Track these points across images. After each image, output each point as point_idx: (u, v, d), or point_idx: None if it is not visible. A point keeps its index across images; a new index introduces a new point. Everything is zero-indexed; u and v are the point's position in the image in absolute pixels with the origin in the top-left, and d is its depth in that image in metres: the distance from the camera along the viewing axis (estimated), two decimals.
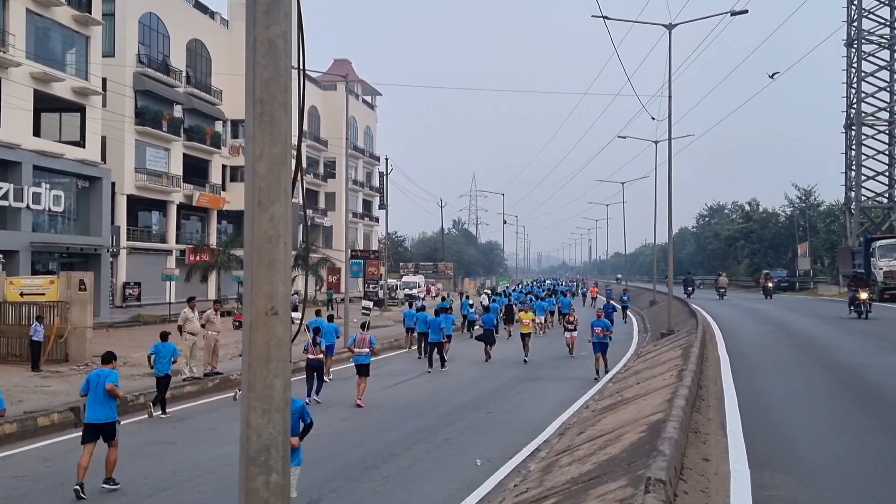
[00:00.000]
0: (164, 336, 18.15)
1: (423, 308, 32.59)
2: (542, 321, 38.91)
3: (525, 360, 27.31)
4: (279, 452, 3.08)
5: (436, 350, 25.68)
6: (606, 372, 23.27)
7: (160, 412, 17.65)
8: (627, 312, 49.21)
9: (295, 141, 3.60)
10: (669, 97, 31.87)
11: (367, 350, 19.53)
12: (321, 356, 19.96)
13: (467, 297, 44.06)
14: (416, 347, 29.23)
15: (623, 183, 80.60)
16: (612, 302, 25.84)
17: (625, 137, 52.57)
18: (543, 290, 59.62)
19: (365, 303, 36.89)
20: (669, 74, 31.72)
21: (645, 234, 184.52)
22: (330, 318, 26.20)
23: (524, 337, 28.39)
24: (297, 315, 30.64)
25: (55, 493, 11.25)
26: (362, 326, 21.92)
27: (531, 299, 45.22)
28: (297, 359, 20.36)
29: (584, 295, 72.21)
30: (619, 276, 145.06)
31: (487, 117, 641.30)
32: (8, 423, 14.94)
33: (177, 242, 58.86)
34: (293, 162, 3.30)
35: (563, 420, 16.41)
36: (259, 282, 3.09)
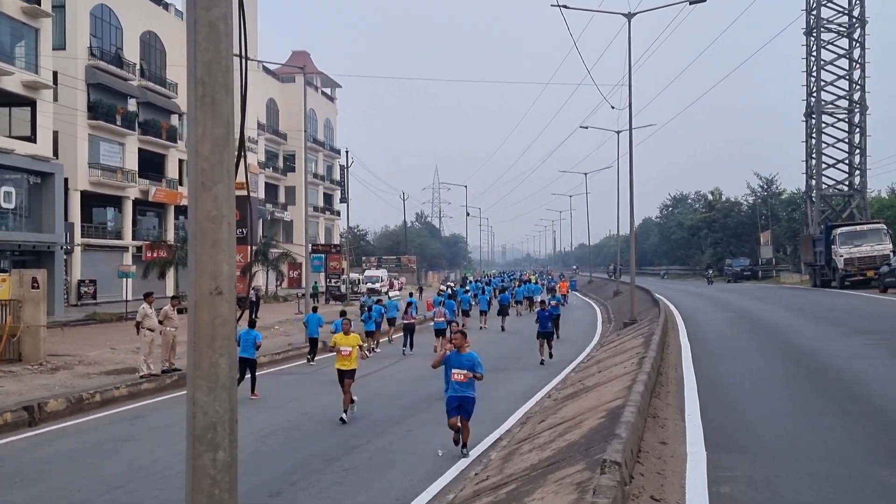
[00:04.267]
0: (252, 324, 20.71)
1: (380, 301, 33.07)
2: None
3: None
4: (226, 430, 3.15)
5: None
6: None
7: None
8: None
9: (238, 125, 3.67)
10: (630, 86, 32.22)
11: (443, 319, 28.29)
12: (413, 320, 29.31)
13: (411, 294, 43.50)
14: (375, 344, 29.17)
15: (586, 174, 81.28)
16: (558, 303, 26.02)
17: (587, 128, 53.09)
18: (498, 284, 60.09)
19: (449, 283, 40.38)
20: (630, 64, 32.03)
21: (609, 226, 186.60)
22: (316, 310, 28.56)
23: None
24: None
25: (8, 493, 11.18)
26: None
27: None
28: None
29: (551, 290, 55.40)
30: (576, 266, 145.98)
31: (450, 109, 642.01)
32: None
33: (133, 239, 58.36)
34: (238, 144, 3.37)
35: (526, 410, 16.59)
36: (203, 262, 3.16)
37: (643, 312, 33.42)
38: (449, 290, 43.46)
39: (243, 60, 3.47)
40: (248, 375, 19.29)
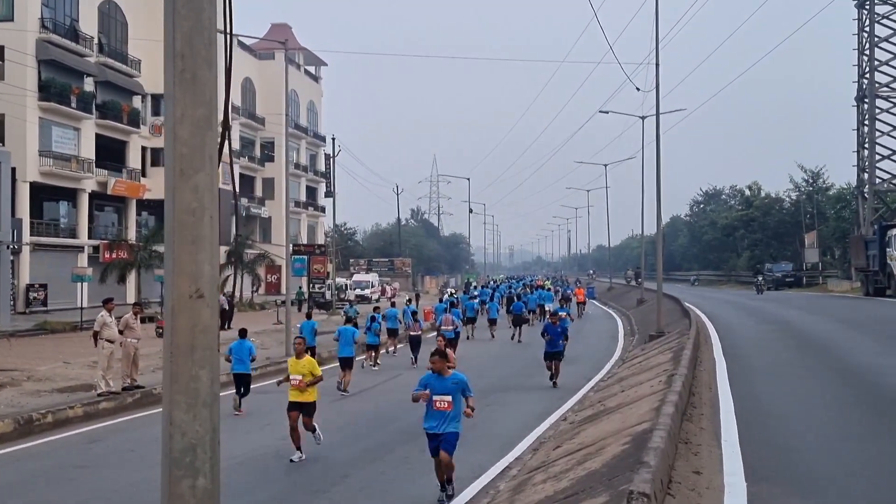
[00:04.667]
0: (243, 333, 21.26)
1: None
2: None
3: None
4: (206, 453, 3.14)
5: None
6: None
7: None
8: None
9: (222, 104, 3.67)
10: (657, 65, 32.24)
11: (452, 327, 29.68)
12: (419, 333, 30.40)
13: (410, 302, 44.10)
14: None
15: (606, 165, 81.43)
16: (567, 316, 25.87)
17: (607, 112, 53.06)
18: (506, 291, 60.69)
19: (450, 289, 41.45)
20: (657, 39, 32.09)
21: (632, 225, 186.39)
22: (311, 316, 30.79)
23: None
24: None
25: None
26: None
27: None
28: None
29: (566, 298, 58.34)
30: (592, 271, 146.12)
31: (450, 91, 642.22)
32: None
33: (89, 237, 58.44)
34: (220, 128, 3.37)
35: (538, 434, 16.59)
36: (182, 261, 3.16)
37: (671, 324, 33.43)
38: (454, 298, 43.89)
39: (228, 30, 3.47)
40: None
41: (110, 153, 61.39)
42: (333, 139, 72.11)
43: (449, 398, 11.65)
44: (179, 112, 3.20)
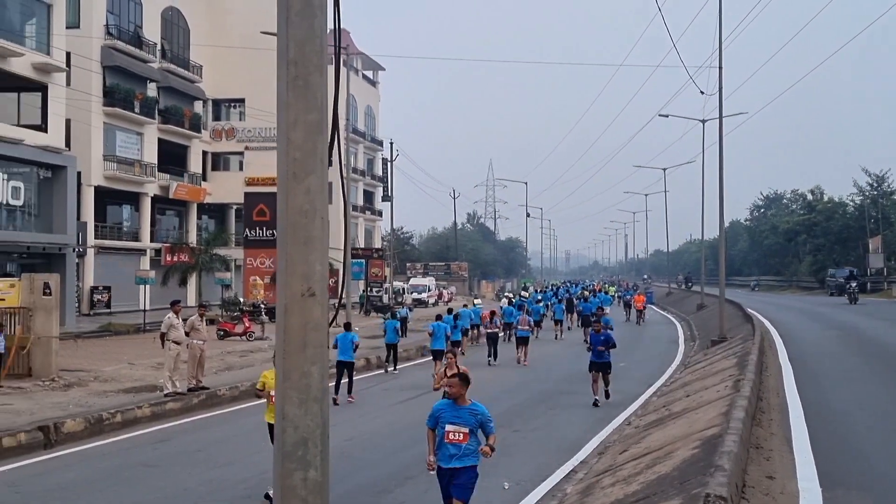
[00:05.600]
0: (348, 326, 23.45)
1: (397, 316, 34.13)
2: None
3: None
4: (317, 447, 3.26)
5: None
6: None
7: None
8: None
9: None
10: (720, 67, 32.00)
11: (528, 328, 31.03)
12: (497, 329, 31.83)
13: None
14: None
15: (665, 169, 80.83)
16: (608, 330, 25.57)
17: (667, 116, 52.72)
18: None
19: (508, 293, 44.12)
20: (720, 42, 31.85)
21: (690, 229, 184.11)
22: (395, 315, 31.85)
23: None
24: None
25: None
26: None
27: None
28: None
29: (627, 305, 57.53)
30: (647, 276, 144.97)
31: (507, 96, 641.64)
32: None
33: (151, 240, 59.30)
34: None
35: (602, 438, 16.57)
36: (294, 261, 3.27)
37: (733, 329, 33.16)
38: (523, 301, 45.82)
39: (336, 38, 3.58)
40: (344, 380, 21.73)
41: (172, 157, 62.31)
42: (392, 143, 72.58)
43: (466, 430, 9.40)
44: (292, 117, 3.31)
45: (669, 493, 8.34)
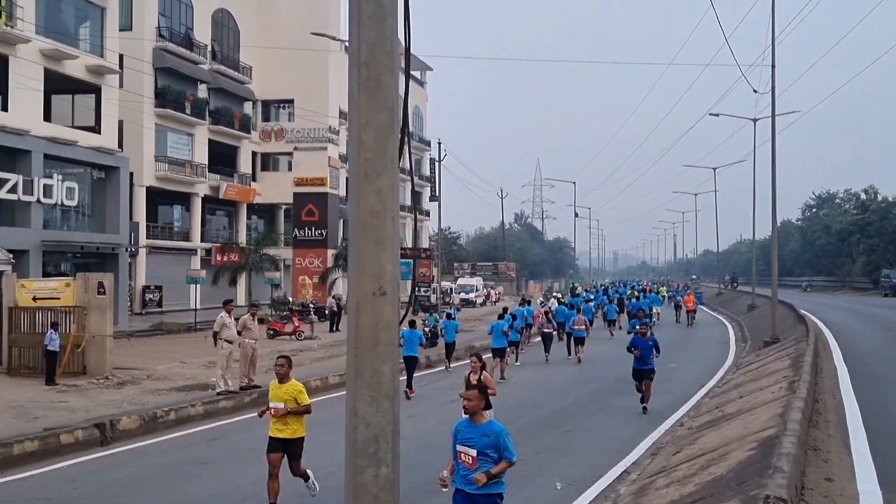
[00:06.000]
0: (413, 324, 25.08)
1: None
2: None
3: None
4: (388, 444, 3.30)
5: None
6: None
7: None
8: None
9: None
10: (773, 66, 31.68)
11: (583, 327, 32.08)
12: (552, 330, 33.31)
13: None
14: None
15: (715, 169, 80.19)
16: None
17: (717, 115, 52.25)
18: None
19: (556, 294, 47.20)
20: (773, 40, 31.55)
21: (740, 229, 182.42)
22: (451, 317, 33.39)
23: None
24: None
25: None
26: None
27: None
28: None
29: (677, 307, 56.32)
30: (694, 276, 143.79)
31: (554, 95, 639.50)
32: (29, 441, 15.45)
33: (202, 240, 59.90)
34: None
35: (654, 439, 16.50)
36: (365, 261, 3.32)
37: (786, 330, 32.82)
38: (574, 300, 46.79)
39: (406, 39, 3.62)
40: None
41: (222, 158, 62.90)
42: (440, 143, 72.57)
43: (474, 452, 8.07)
44: (364, 118, 3.36)
45: (726, 494, 8.29)
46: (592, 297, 56.67)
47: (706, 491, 8.94)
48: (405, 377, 22.66)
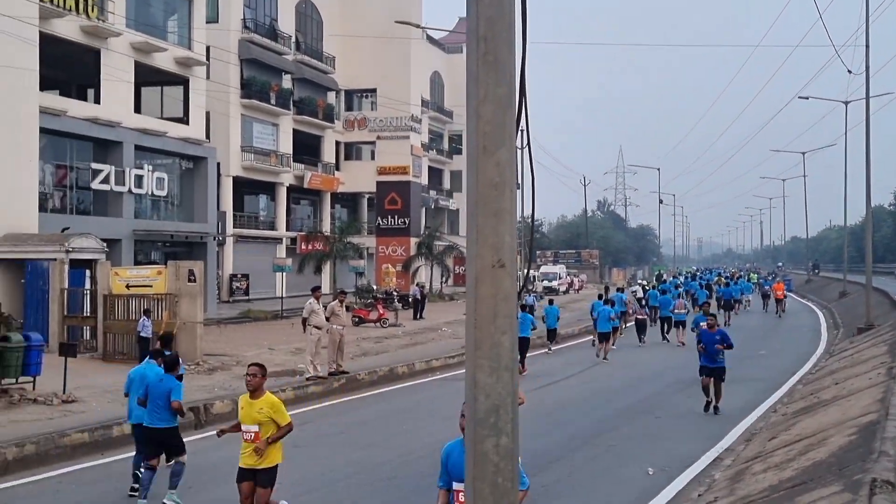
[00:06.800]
0: (523, 308, 26.04)
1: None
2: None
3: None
4: (508, 414, 3.35)
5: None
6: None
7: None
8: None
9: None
10: (867, 45, 31.01)
11: (684, 311, 33.16)
12: (645, 316, 34.12)
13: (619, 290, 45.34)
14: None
15: (804, 153, 78.58)
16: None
17: (807, 98, 51.31)
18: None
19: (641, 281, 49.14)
20: (867, 18, 30.85)
21: (830, 215, 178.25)
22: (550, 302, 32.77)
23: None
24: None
25: (183, 496, 11.93)
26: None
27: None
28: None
29: (765, 296, 53.67)
30: (780, 263, 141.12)
31: (636, 80, 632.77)
32: (127, 423, 15.89)
33: (287, 229, 60.66)
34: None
35: (747, 426, 16.37)
36: (485, 233, 3.37)
37: (880, 317, 32.17)
38: (667, 286, 47.13)
39: (523, 11, 3.65)
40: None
41: (306, 148, 63.61)
42: (522, 131, 72.32)
43: None
44: (482, 92, 3.40)
45: (827, 479, 8.19)
46: (680, 282, 57.40)
47: (806, 475, 8.84)
48: None
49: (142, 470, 11.96)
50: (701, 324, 21.33)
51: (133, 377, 12.77)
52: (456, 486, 6.63)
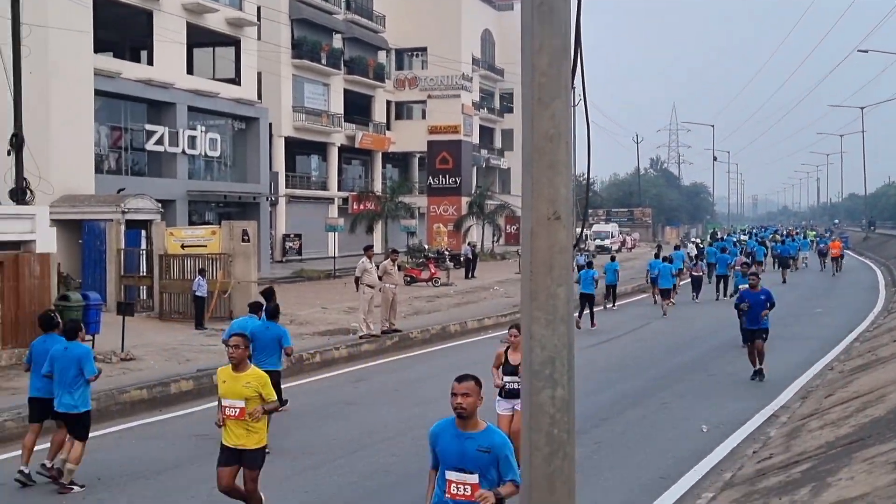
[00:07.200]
0: (590, 265, 28.25)
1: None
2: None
3: None
4: (564, 366, 3.37)
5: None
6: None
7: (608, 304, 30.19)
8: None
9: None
10: None
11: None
12: (701, 273, 34.34)
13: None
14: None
15: (863, 108, 77.15)
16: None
17: (866, 52, 50.18)
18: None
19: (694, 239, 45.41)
20: None
21: (888, 171, 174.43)
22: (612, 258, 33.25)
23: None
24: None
25: None
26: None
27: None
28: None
29: (821, 254, 52.05)
30: (837, 221, 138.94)
31: (690, 34, 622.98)
32: (184, 381, 16.22)
33: (339, 189, 60.83)
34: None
35: (802, 383, 16.25)
36: (540, 185, 3.36)
37: None
38: (724, 243, 47.63)
39: None
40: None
41: (357, 108, 63.55)
42: (574, 88, 71.71)
43: (475, 478, 5.85)
44: (537, 43, 3.39)
45: (886, 435, 8.12)
46: (736, 239, 58.85)
47: (864, 432, 8.78)
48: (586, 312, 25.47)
49: None
50: (740, 287, 20.79)
51: (234, 327, 13.15)
52: (449, 474, 5.92)
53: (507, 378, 9.95)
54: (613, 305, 30.96)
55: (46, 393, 10.82)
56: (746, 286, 18.91)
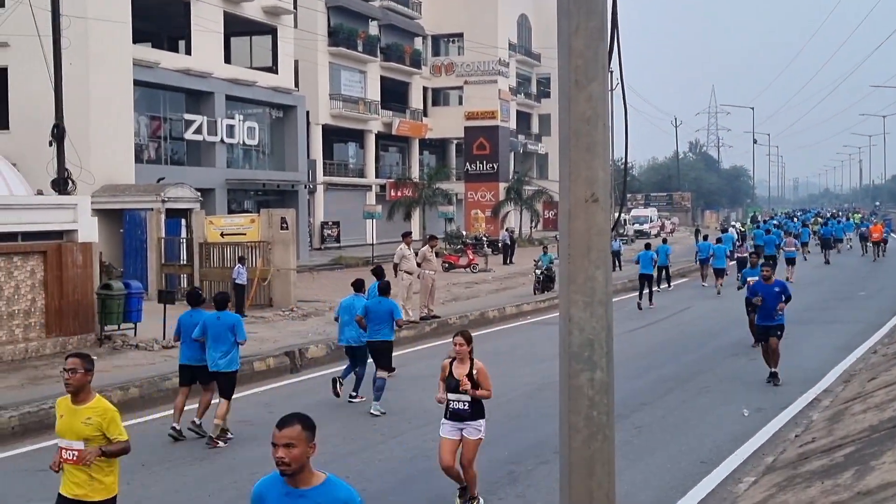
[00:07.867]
0: (648, 246, 29.05)
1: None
2: None
3: None
4: (603, 348, 3.36)
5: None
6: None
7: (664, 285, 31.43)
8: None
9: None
10: None
11: (794, 248, 35.13)
12: (746, 255, 31.34)
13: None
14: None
15: None
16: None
17: None
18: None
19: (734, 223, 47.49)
20: None
21: None
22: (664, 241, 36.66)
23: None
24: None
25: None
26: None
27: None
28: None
29: (863, 238, 49.93)
30: (878, 203, 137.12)
31: (730, 15, 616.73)
32: None
33: (376, 176, 60.96)
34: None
35: (845, 367, 16.09)
36: (578, 167, 3.35)
37: None
38: (768, 225, 49.07)
39: None
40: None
41: (393, 95, 63.63)
42: (612, 72, 71.33)
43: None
44: (574, 25, 3.37)
45: None
46: (777, 221, 59.41)
47: None
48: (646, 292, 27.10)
49: (341, 382, 14.69)
50: (749, 279, 19.05)
51: (344, 305, 15.06)
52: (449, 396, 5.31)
53: (451, 395, 8.85)
54: (669, 286, 32.29)
55: (196, 360, 12.47)
56: (756, 278, 17.13)
